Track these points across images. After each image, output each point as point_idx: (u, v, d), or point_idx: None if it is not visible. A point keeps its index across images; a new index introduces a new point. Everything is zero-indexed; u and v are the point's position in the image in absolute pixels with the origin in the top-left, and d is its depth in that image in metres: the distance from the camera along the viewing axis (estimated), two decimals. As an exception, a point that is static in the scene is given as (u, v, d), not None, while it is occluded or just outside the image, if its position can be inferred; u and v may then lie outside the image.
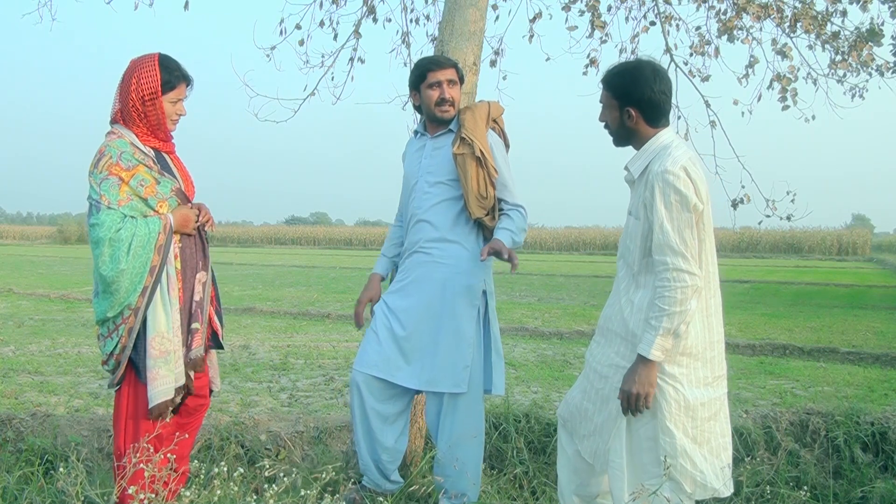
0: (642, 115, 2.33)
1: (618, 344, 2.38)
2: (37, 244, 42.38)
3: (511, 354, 7.04)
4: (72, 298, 11.46)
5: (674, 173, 2.19)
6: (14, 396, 4.88)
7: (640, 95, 2.31)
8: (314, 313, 9.98)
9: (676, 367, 2.27)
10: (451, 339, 2.87)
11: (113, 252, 2.41)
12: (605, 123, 2.44)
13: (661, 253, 2.20)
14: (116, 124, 2.56)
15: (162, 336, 2.48)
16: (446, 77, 2.95)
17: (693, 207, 2.19)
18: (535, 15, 5.12)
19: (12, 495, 2.71)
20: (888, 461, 3.49)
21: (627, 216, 2.42)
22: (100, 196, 2.43)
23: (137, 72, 2.51)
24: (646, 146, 2.34)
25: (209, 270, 2.72)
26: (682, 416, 2.25)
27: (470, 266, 2.91)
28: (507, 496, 3.13)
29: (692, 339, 2.27)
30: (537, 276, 18.66)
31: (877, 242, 37.42)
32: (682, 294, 2.17)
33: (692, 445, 2.26)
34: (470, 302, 2.90)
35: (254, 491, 2.86)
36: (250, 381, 5.64)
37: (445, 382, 2.86)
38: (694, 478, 2.25)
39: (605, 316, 2.47)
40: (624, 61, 2.52)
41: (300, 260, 26.73)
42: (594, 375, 2.44)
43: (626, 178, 2.44)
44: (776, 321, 9.53)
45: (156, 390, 2.47)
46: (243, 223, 53.70)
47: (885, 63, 4.88)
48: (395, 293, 3.02)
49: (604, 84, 2.41)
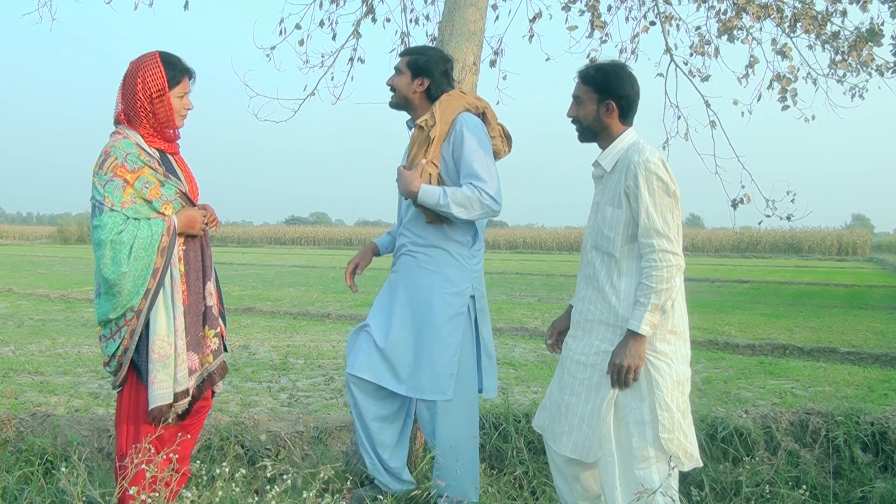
0: (619, 110, 2.49)
1: (602, 332, 2.47)
2: (37, 244, 42.38)
3: (511, 354, 7.04)
4: (72, 298, 11.47)
5: (655, 163, 2.37)
6: (14, 396, 4.88)
7: (621, 91, 2.48)
8: (314, 313, 9.98)
9: (667, 345, 2.42)
10: (435, 347, 2.85)
11: (114, 254, 2.39)
12: (574, 118, 2.57)
13: (648, 236, 2.36)
14: (120, 125, 2.54)
15: (162, 339, 2.46)
16: (396, 65, 2.99)
17: (673, 194, 2.37)
18: (535, 15, 5.12)
19: (12, 495, 2.71)
20: (888, 461, 3.49)
21: (598, 208, 2.54)
22: (103, 197, 2.41)
23: (142, 71, 2.49)
24: (616, 142, 2.51)
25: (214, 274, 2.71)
26: (675, 391, 2.40)
27: (456, 273, 2.89)
28: (507, 496, 3.13)
29: (677, 318, 2.44)
30: (537, 276, 18.67)
31: (877, 242, 37.45)
32: (667, 273, 2.34)
33: (681, 418, 2.40)
34: (456, 309, 2.87)
35: (254, 491, 2.86)
36: (250, 381, 5.64)
37: (430, 390, 2.85)
38: (686, 449, 2.40)
39: (581, 310, 2.56)
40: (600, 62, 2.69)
41: (300, 260, 26.73)
42: (576, 367, 2.51)
43: (595, 173, 2.59)
44: (776, 321, 9.53)
45: (154, 394, 2.45)
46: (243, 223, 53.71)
47: (885, 63, 4.88)
48: (381, 298, 3.03)
49: (583, 78, 2.54)
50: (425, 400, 2.88)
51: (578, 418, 2.47)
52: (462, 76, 3.27)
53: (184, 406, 2.54)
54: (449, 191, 2.75)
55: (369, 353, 2.92)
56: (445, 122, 2.84)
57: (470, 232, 2.95)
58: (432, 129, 2.82)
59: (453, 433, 2.89)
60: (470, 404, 2.95)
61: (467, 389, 2.92)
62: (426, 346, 2.86)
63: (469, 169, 2.77)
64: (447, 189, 2.76)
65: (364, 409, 2.94)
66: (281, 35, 5.07)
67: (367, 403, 2.94)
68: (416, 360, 2.87)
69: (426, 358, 2.85)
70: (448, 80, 2.98)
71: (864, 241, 34.97)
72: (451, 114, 2.85)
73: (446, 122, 2.84)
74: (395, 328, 2.91)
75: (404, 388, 2.89)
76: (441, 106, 2.86)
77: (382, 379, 2.90)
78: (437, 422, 2.88)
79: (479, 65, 3.41)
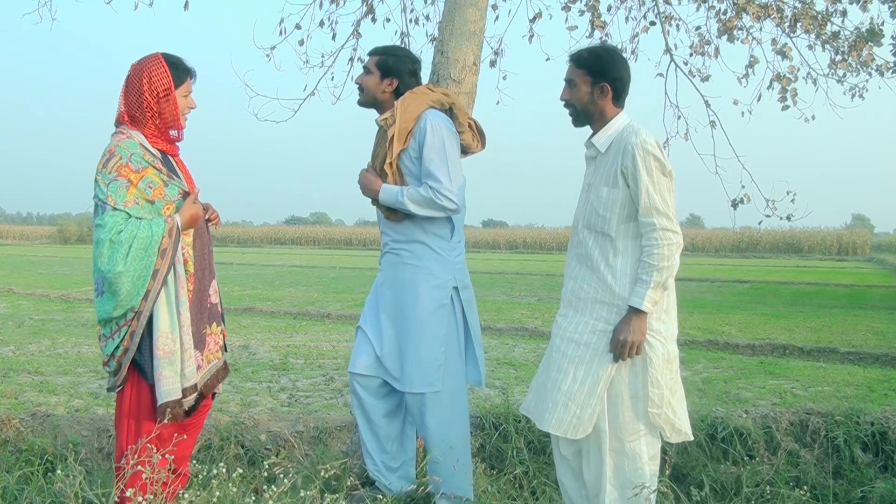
0: (613, 92, 2.52)
1: (598, 310, 2.51)
2: (37, 244, 42.37)
3: (511, 354, 7.04)
4: (72, 298, 11.47)
5: (651, 143, 2.43)
6: (14, 396, 4.88)
7: (615, 73, 2.52)
8: (314, 313, 9.98)
9: (661, 323, 2.49)
10: (422, 340, 2.88)
11: (111, 253, 2.40)
12: (567, 102, 2.60)
13: (649, 215, 2.41)
14: (123, 125, 2.55)
15: (166, 336, 2.47)
16: (365, 64, 3.01)
17: (669, 173, 2.43)
18: (535, 15, 5.12)
19: (12, 495, 2.71)
20: (888, 461, 3.49)
21: (591, 188, 2.57)
22: (106, 196, 2.42)
23: (147, 71, 2.52)
24: (611, 123, 2.54)
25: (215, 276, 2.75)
26: (665, 368, 2.48)
27: (437, 266, 2.91)
28: (507, 496, 3.13)
29: (671, 298, 2.53)
30: (537, 276, 18.66)
31: (877, 242, 37.41)
32: (668, 251, 2.40)
33: (669, 395, 2.48)
34: (439, 301, 2.90)
35: (254, 491, 2.86)
36: (250, 381, 5.64)
37: (419, 383, 2.88)
38: (673, 424, 2.49)
39: (573, 289, 2.60)
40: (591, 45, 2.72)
41: (300, 260, 26.73)
42: (566, 345, 2.55)
43: (589, 153, 2.62)
44: (776, 321, 9.53)
45: (162, 391, 2.47)
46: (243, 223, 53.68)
47: (885, 63, 4.88)
48: (370, 297, 3.07)
49: (575, 62, 2.56)
50: (413, 393, 2.90)
51: (564, 395, 2.51)
52: (462, 76, 3.27)
53: (191, 402, 2.55)
54: (406, 190, 2.83)
55: (367, 351, 2.98)
56: (406, 119, 2.85)
57: (447, 225, 2.96)
58: (391, 128, 2.85)
59: (443, 425, 2.91)
60: (458, 395, 2.97)
61: (455, 381, 2.95)
62: (412, 340, 2.89)
63: (426, 169, 2.83)
64: (404, 189, 2.84)
65: (370, 406, 2.98)
66: (281, 35, 5.07)
67: (373, 400, 2.98)
68: (404, 354, 2.91)
69: (412, 351, 2.89)
70: (416, 80, 3.01)
71: (864, 241, 34.95)
72: (414, 111, 2.87)
73: (407, 119, 2.85)
74: (383, 325, 2.96)
75: (398, 383, 2.93)
76: (403, 104, 2.88)
77: (381, 372, 2.96)
78: (426, 414, 2.90)
79: (479, 65, 3.41)
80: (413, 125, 2.86)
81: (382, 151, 2.92)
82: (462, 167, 2.96)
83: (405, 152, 2.88)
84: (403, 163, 2.89)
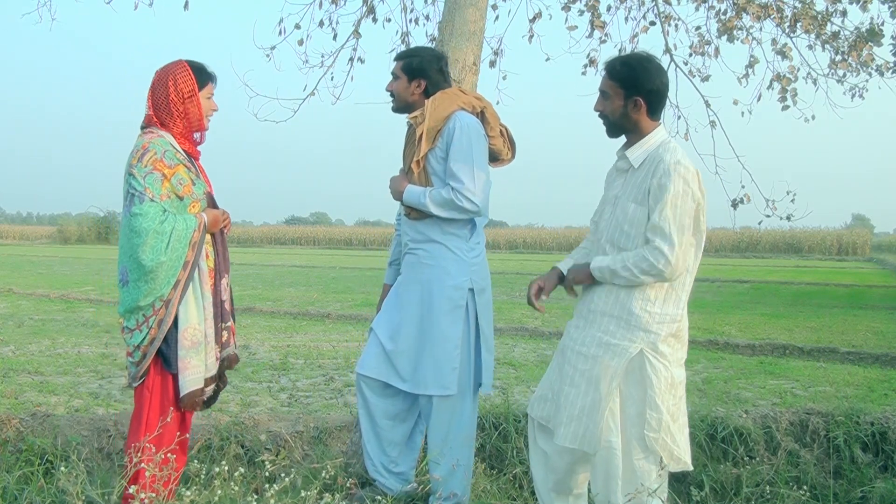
0: (647, 106, 2.41)
1: (606, 323, 2.45)
2: (37, 244, 42.36)
3: (511, 354, 7.04)
4: (72, 298, 11.47)
5: (686, 167, 2.33)
6: (14, 396, 4.88)
7: (649, 86, 2.40)
8: (314, 313, 9.98)
9: (667, 347, 2.41)
10: (437, 341, 2.87)
11: (155, 243, 2.48)
12: (600, 113, 2.50)
13: (653, 233, 2.34)
14: (152, 126, 2.64)
15: (193, 328, 2.58)
16: (392, 70, 2.99)
17: (697, 200, 2.35)
18: (534, 15, 5.12)
19: (12, 495, 2.72)
20: (888, 461, 3.49)
21: (619, 202, 2.48)
22: (144, 188, 2.50)
23: (172, 75, 2.63)
24: (647, 137, 2.44)
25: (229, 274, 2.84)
26: (667, 393, 2.40)
27: (454, 266, 2.90)
28: (506, 496, 3.13)
29: (683, 324, 2.45)
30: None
31: (877, 242, 37.41)
32: (649, 268, 2.33)
33: (670, 421, 2.40)
34: (455, 302, 2.89)
35: (254, 491, 2.86)
36: (250, 381, 5.64)
37: (433, 385, 2.87)
38: (671, 451, 2.41)
39: (586, 300, 2.54)
40: (628, 53, 2.61)
41: (300, 260, 26.72)
42: (577, 358, 2.48)
43: (620, 165, 2.52)
44: (776, 321, 9.53)
45: (186, 380, 2.56)
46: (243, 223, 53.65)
47: (885, 63, 4.88)
48: (389, 297, 3.07)
49: (609, 73, 2.45)
50: (427, 395, 2.89)
51: (578, 409, 2.45)
52: (462, 76, 3.27)
53: (209, 392, 2.68)
54: (429, 192, 2.84)
55: (376, 353, 2.97)
56: (436, 118, 2.84)
57: (467, 225, 2.95)
58: (420, 126, 2.85)
59: (451, 429, 2.90)
60: (467, 400, 2.96)
61: (465, 385, 2.94)
62: (428, 341, 2.88)
63: (450, 170, 2.82)
64: (427, 190, 2.84)
65: (374, 407, 2.98)
66: (281, 35, 5.07)
67: (377, 401, 2.98)
68: (419, 356, 2.89)
69: (428, 352, 2.88)
70: (444, 77, 2.98)
71: (864, 241, 34.94)
72: (444, 111, 2.85)
73: (436, 118, 2.84)
74: (399, 326, 2.94)
75: (408, 385, 2.91)
76: (433, 103, 2.87)
77: (388, 376, 2.94)
78: (433, 416, 2.90)
79: (479, 65, 3.41)
80: (442, 125, 2.85)
81: (410, 150, 2.91)
82: (489, 172, 2.95)
83: (432, 152, 2.87)
84: (430, 163, 2.88)
